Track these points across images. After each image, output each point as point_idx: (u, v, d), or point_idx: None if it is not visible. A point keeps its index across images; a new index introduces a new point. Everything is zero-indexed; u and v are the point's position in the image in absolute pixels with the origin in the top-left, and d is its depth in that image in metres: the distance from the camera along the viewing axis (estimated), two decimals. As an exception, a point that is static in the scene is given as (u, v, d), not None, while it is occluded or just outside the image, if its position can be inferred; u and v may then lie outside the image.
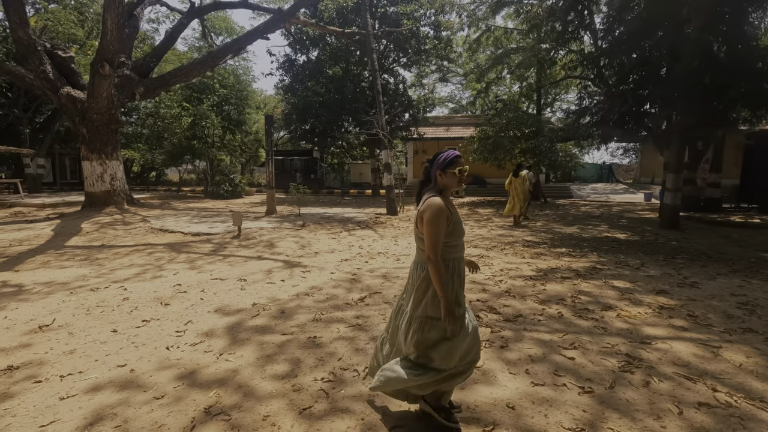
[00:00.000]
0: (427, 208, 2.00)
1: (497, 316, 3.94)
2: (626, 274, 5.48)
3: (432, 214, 1.97)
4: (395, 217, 11.53)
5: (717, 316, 3.93)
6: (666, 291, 4.72)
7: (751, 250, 7.09)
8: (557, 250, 7.10)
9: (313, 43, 18.61)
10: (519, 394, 2.57)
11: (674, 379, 2.75)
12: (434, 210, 1.97)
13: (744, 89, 7.52)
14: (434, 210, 1.97)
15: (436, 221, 1.96)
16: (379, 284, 4.99)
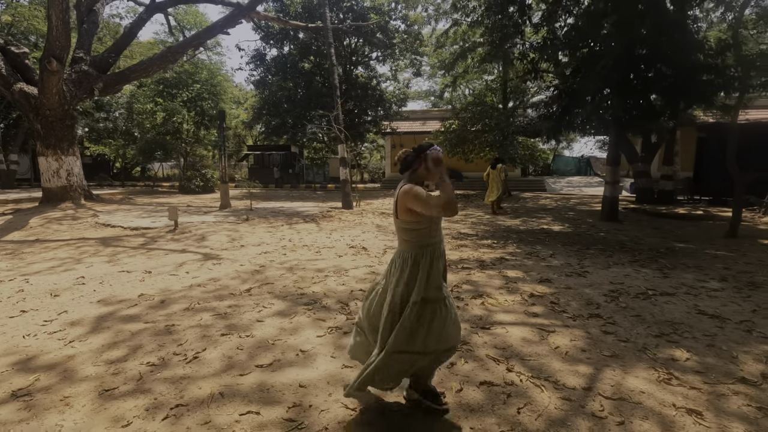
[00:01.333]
0: (405, 193, 2.07)
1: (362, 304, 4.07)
2: (527, 264, 5.63)
3: (412, 191, 2.04)
4: (348, 211, 11.65)
5: (578, 303, 4.09)
6: (550, 280, 4.88)
7: (670, 241, 7.26)
8: (481, 242, 7.25)
9: (283, 38, 18.59)
10: (321, 375, 2.71)
11: (482, 360, 2.90)
12: (413, 188, 2.05)
13: (665, 83, 7.65)
14: (413, 188, 2.05)
15: (420, 192, 2.03)
16: (278, 275, 5.12)
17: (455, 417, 2.27)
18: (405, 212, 2.11)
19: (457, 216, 10.73)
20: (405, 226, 2.15)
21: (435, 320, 2.12)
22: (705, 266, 5.50)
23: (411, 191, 2.05)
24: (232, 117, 27.95)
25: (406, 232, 2.16)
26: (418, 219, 2.10)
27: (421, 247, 2.15)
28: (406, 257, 2.16)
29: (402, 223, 2.15)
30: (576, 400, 2.41)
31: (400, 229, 2.19)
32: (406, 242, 2.18)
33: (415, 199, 2.03)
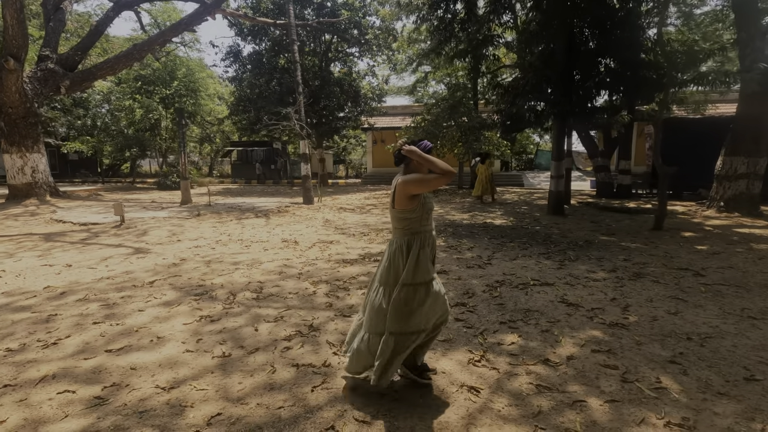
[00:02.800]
0: (404, 183, 2.26)
1: (254, 294, 4.28)
2: (439, 257, 5.83)
3: (412, 179, 2.24)
4: (307, 207, 11.84)
5: (455, 293, 4.29)
6: (447, 271, 5.08)
7: (596, 234, 7.45)
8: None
9: (257, 34, 18.68)
10: (158, 359, 2.92)
11: (318, 345, 3.11)
12: (410, 176, 2.26)
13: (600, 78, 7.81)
14: (410, 176, 2.26)
15: (417, 177, 2.24)
16: (191, 268, 5.32)
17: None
18: (404, 200, 2.29)
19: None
20: (400, 215, 2.34)
21: (425, 301, 2.33)
22: (607, 258, 5.70)
23: (409, 178, 2.26)
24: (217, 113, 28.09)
25: (400, 220, 2.35)
26: (413, 207, 2.30)
27: (412, 234, 2.35)
28: (399, 244, 2.35)
29: (397, 212, 2.34)
30: (362, 383, 2.61)
31: (394, 218, 2.39)
32: (399, 230, 2.38)
33: (416, 182, 2.24)
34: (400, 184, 2.29)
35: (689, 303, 3.92)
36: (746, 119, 9.03)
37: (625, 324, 3.43)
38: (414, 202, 2.30)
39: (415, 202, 2.30)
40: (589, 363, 2.81)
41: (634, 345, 3.06)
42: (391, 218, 2.45)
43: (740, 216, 8.96)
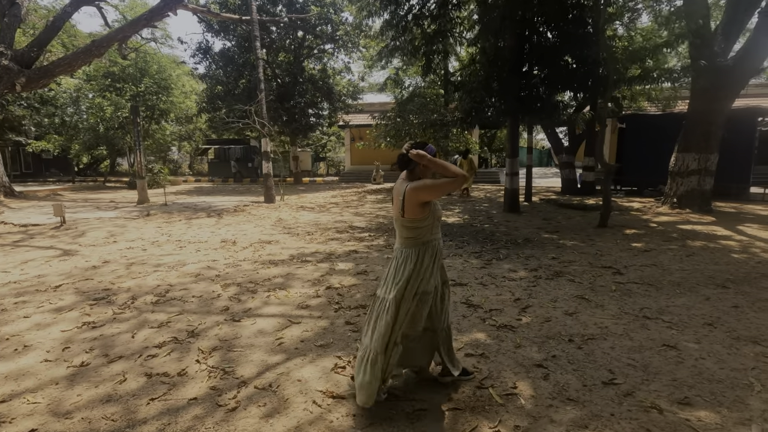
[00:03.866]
0: (414, 189, 2.15)
1: (156, 298, 4.15)
2: (369, 258, 5.73)
3: (424, 185, 2.16)
4: (266, 206, 11.68)
5: (362, 294, 4.20)
6: (366, 272, 4.99)
7: (541, 232, 7.40)
8: (360, 235, 7.34)
9: (226, 30, 18.39)
10: (12, 369, 2.78)
11: (188, 351, 3.00)
12: (421, 182, 2.18)
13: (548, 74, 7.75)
14: (421, 182, 2.18)
15: (430, 183, 2.16)
16: (108, 271, 5.17)
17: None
18: (416, 208, 2.18)
19: (368, 207, 10.84)
20: (409, 225, 2.23)
21: (436, 305, 2.37)
22: (537, 256, 5.64)
23: (419, 185, 2.15)
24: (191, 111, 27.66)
25: (410, 230, 2.24)
26: (425, 215, 2.20)
27: (423, 244, 2.25)
28: (408, 254, 2.25)
29: (407, 221, 2.22)
30: (224, 389, 2.51)
31: (404, 227, 2.26)
32: (409, 240, 2.26)
33: (428, 189, 2.15)
34: (410, 191, 2.17)
35: (592, 303, 3.86)
36: (696, 116, 9.04)
37: (514, 326, 3.36)
38: (426, 210, 2.21)
39: (426, 209, 2.21)
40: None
41: (512, 348, 2.99)
42: (399, 228, 2.31)
43: (691, 212, 8.99)
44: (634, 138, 12.66)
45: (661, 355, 2.86)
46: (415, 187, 2.16)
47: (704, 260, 5.30)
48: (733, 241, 6.33)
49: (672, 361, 2.78)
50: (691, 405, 2.30)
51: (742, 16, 8.82)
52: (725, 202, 10.64)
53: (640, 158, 12.40)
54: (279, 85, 19.91)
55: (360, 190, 16.93)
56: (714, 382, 2.52)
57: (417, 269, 2.22)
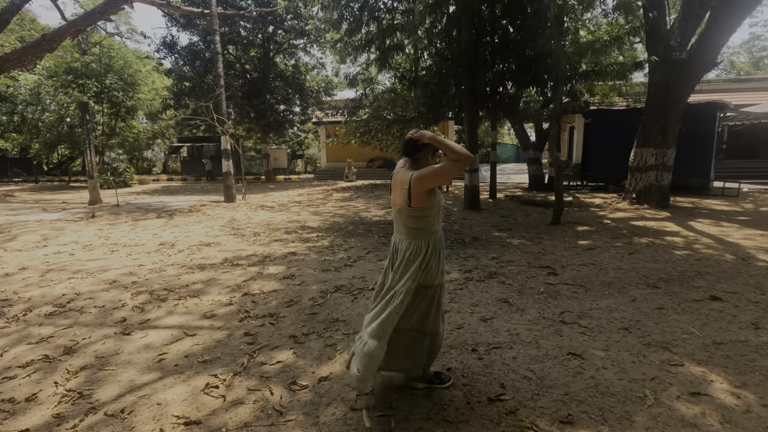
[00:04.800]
0: (420, 178, 2.07)
1: (55, 309, 3.84)
2: (306, 260, 5.49)
3: (429, 172, 2.08)
4: (224, 206, 11.33)
5: (277, 302, 3.96)
6: (293, 276, 4.74)
7: (493, 231, 7.25)
8: (307, 236, 7.08)
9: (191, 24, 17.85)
10: None
11: (51, 363, 2.72)
12: (425, 170, 2.09)
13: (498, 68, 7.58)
14: (425, 170, 2.09)
15: (434, 169, 2.08)
16: (18, 279, 4.82)
17: None
18: (423, 197, 2.12)
19: (329, 206, 10.58)
20: (416, 214, 2.17)
21: (440, 304, 2.31)
22: (478, 256, 5.46)
23: (424, 172, 2.08)
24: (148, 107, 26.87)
25: (417, 219, 2.18)
26: (432, 202, 2.16)
27: (431, 234, 2.23)
28: (419, 245, 2.19)
29: (414, 211, 2.16)
30: (68, 417, 2.25)
31: (410, 217, 2.19)
32: (417, 230, 2.21)
33: (433, 175, 2.08)
34: (417, 179, 2.09)
35: (513, 307, 3.68)
36: (653, 111, 8.99)
37: (421, 334, 3.15)
38: (432, 197, 2.17)
39: (432, 197, 2.17)
40: (337, 386, 2.51)
41: (409, 360, 2.78)
42: (404, 218, 2.22)
43: (648, 208, 8.95)
44: (599, 133, 12.63)
45: (563, 365, 2.68)
46: (421, 175, 2.08)
47: (644, 258, 5.18)
48: (680, 238, 6.25)
49: (572, 372, 2.60)
50: (573, 424, 2.11)
51: (698, 10, 8.77)
52: (685, 197, 10.67)
53: (605, 154, 12.37)
54: (248, 81, 19.47)
55: (329, 188, 16.64)
56: (607, 396, 2.35)
57: (426, 261, 2.18)
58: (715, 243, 5.87)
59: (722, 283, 4.23)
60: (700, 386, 2.41)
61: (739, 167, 19.71)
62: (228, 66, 19.15)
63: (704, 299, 3.79)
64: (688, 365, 2.65)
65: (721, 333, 3.10)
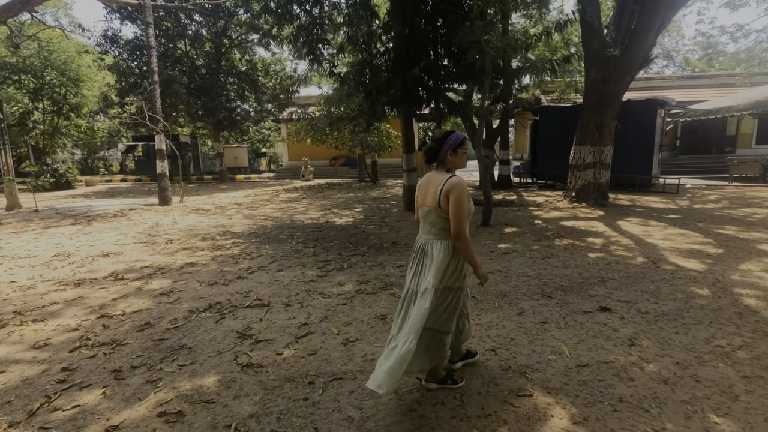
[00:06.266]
0: (453, 187, 2.14)
1: None
2: (203, 272, 5.06)
3: (461, 193, 2.13)
4: (155, 209, 10.71)
5: (132, 324, 3.53)
6: (172, 291, 4.31)
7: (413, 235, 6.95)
8: (222, 242, 6.62)
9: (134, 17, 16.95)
10: None
11: None
12: (462, 188, 2.15)
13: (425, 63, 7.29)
14: (462, 188, 2.15)
15: (464, 198, 2.14)
16: None
17: None
18: (447, 201, 2.16)
19: (268, 209, 10.12)
20: (445, 216, 2.20)
21: (457, 307, 2.32)
22: (385, 263, 5.15)
23: (456, 191, 2.13)
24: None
25: (447, 221, 2.20)
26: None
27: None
28: (444, 245, 2.23)
29: (444, 212, 2.19)
30: None
31: (440, 218, 2.22)
32: (446, 231, 2.23)
33: (458, 202, 2.12)
34: (450, 185, 2.15)
35: (388, 325, 3.36)
36: (590, 108, 8.88)
37: (264, 364, 2.79)
38: None
39: None
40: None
41: (230, 398, 2.42)
42: (434, 219, 2.25)
43: (586, 206, 8.85)
44: (548, 130, 12.54)
45: (399, 401, 2.37)
46: (448, 191, 2.14)
47: (555, 263, 4.97)
48: (601, 239, 6.09)
49: (404, 408, 2.29)
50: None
51: (632, 6, 8.68)
52: (628, 194, 10.66)
53: (554, 151, 12.28)
54: (198, 77, 18.69)
55: (282, 188, 16.13)
56: (427, 441, 2.04)
57: (454, 260, 2.24)
58: (634, 244, 5.73)
59: (621, 290, 4.03)
60: (535, 424, 2.14)
61: (693, 162, 20.20)
62: (176, 61, 18.37)
63: (593, 311, 3.56)
64: (536, 395, 2.38)
65: (592, 352, 2.86)
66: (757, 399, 2.29)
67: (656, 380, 2.50)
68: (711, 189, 11.42)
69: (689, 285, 4.12)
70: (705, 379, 2.50)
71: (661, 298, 3.82)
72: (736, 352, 2.81)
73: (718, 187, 11.70)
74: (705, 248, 5.45)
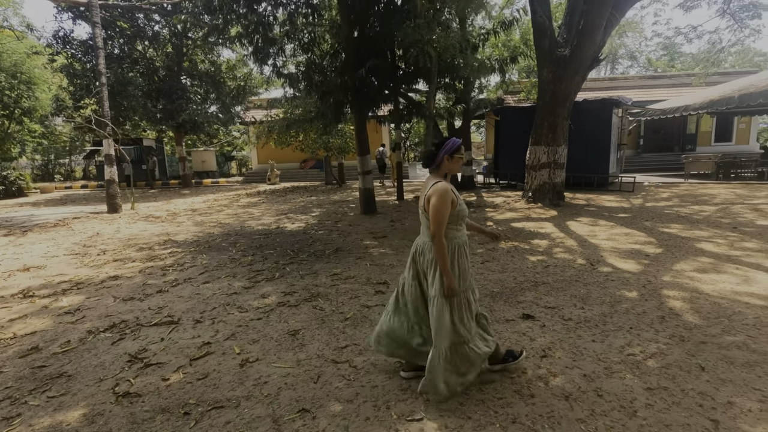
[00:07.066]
0: (434, 192, 2.23)
1: None
2: (122, 287, 4.73)
3: (439, 198, 2.20)
4: (104, 217, 10.23)
5: (20, 347, 3.21)
6: (80, 309, 4.00)
7: (368, 238, 6.77)
8: (158, 253, 6.28)
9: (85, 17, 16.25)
10: None
11: None
12: (441, 193, 2.21)
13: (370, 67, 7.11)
14: (441, 193, 2.21)
15: (443, 203, 2.20)
16: None
17: None
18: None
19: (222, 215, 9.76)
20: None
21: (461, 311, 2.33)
22: (322, 271, 4.93)
23: (435, 195, 2.21)
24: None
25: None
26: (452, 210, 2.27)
27: (449, 240, 2.31)
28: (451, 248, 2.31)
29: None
30: None
31: (429, 222, 2.31)
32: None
33: (435, 206, 2.20)
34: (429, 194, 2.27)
35: (297, 342, 3.14)
36: (544, 108, 8.87)
37: (144, 393, 2.54)
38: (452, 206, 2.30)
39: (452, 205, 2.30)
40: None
41: (88, 436, 2.16)
42: (426, 222, 2.37)
43: (542, 206, 8.83)
44: (509, 131, 12.55)
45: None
46: (430, 196, 2.25)
47: (494, 267, 4.85)
48: (546, 240, 6.02)
49: (279, 440, 2.08)
50: None
51: (582, 6, 8.71)
52: (586, 193, 10.73)
53: (514, 151, 12.28)
54: (159, 79, 18.09)
55: (244, 193, 15.72)
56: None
57: (455, 263, 2.30)
58: (577, 246, 5.67)
59: (551, 295, 3.92)
60: (413, 454, 1.95)
61: (656, 161, 20.68)
62: (134, 63, 17.73)
63: (516, 318, 3.43)
64: (426, 420, 2.20)
65: (501, 366, 2.71)
66: (654, 414, 2.17)
67: (558, 396, 2.36)
68: (666, 187, 11.61)
69: (620, 288, 4.05)
70: (608, 392, 2.38)
71: (588, 302, 3.72)
72: (647, 361, 2.70)
73: (673, 185, 11.91)
74: (645, 248, 5.42)
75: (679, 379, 2.49)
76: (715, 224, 6.65)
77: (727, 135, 21.35)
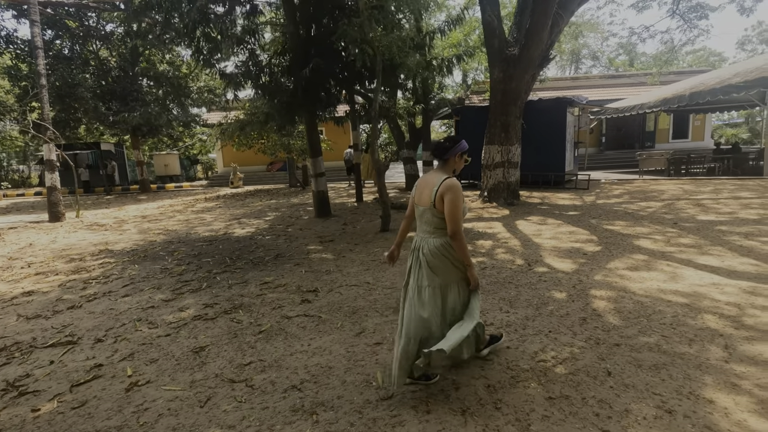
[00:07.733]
0: (449, 189, 2.28)
1: None
2: (39, 300, 4.39)
3: (456, 194, 2.27)
4: (45, 225, 9.68)
5: None
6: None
7: (315, 242, 6.57)
8: (88, 264, 5.91)
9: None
10: None
11: None
12: (457, 190, 2.29)
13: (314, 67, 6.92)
14: (457, 190, 2.29)
15: (460, 199, 2.27)
16: None
17: None
18: (442, 202, 2.30)
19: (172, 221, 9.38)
20: (440, 216, 2.34)
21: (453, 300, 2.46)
22: (253, 280, 4.71)
23: (452, 192, 2.27)
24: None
25: (441, 221, 2.34)
26: None
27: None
28: (441, 243, 2.36)
29: (438, 212, 2.33)
30: None
31: (434, 217, 2.36)
32: (440, 230, 2.37)
33: (453, 203, 2.26)
34: (445, 187, 2.28)
35: (199, 359, 2.93)
36: (496, 107, 8.86)
37: (2, 429, 2.28)
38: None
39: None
40: None
41: None
42: (429, 218, 2.38)
43: (497, 206, 8.81)
44: (467, 130, 12.53)
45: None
46: (444, 193, 2.27)
47: (431, 271, 4.73)
48: (492, 241, 5.96)
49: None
50: None
51: (531, 5, 8.74)
52: (543, 191, 10.80)
53: (474, 151, 12.28)
54: (112, 80, 17.37)
55: (204, 197, 15.24)
56: None
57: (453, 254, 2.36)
58: (520, 246, 5.62)
59: (481, 297, 3.82)
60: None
61: (617, 158, 21.17)
62: (84, 63, 16.96)
63: (437, 325, 3.30)
64: None
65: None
66: (548, 427, 2.06)
67: (455, 411, 2.23)
68: (620, 184, 11.84)
69: (551, 289, 3.99)
70: (507, 404, 2.27)
71: (515, 305, 3.64)
72: (556, 368, 2.61)
73: (627, 182, 12.16)
74: (585, 246, 5.42)
75: (582, 386, 2.40)
76: (658, 220, 6.74)
77: (683, 132, 22.10)
